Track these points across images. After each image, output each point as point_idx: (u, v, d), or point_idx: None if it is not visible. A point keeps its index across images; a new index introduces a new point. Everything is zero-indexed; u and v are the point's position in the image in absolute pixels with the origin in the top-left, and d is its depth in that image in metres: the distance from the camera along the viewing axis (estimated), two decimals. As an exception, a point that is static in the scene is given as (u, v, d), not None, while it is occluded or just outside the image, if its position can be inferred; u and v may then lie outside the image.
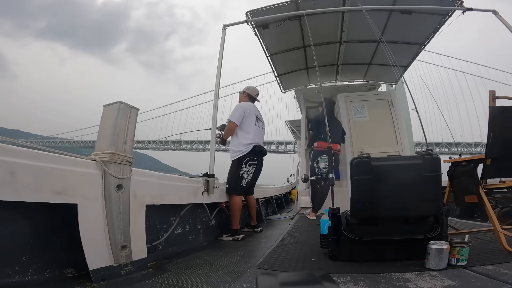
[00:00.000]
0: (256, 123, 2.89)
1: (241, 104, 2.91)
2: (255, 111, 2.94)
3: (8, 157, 1.05)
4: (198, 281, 1.35)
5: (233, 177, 2.76)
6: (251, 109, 2.90)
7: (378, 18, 3.28)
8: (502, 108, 1.75)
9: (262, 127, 3.02)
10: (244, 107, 2.86)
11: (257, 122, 2.91)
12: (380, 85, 5.28)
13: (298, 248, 2.03)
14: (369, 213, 1.58)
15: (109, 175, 1.37)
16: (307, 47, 4.10)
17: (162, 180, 1.82)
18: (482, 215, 2.93)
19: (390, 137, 4.34)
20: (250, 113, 2.86)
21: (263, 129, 3.03)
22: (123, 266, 1.40)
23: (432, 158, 1.56)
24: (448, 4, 3.10)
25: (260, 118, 3.00)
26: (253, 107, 2.96)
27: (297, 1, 3.19)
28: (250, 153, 2.78)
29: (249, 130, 2.82)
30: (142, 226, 1.56)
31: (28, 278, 1.18)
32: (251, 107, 2.93)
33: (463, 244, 1.40)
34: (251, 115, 2.86)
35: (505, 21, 2.82)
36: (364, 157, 1.59)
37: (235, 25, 3.27)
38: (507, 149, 1.66)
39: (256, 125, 2.88)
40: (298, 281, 0.96)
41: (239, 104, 2.91)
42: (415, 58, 4.28)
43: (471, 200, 1.74)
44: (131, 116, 1.53)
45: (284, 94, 5.57)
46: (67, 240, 1.30)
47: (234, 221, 2.65)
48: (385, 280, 1.26)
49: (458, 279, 1.23)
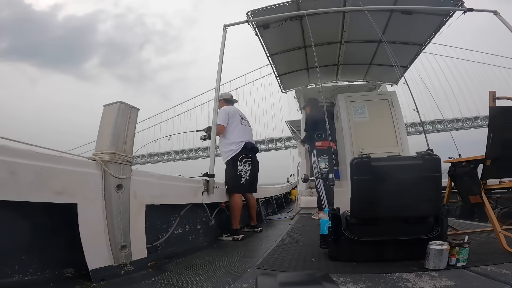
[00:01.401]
0: (241, 122, 2.97)
1: (223, 108, 2.99)
2: (238, 112, 3.04)
3: (8, 157, 1.05)
4: (198, 281, 1.35)
5: (231, 176, 2.76)
6: (234, 110, 3.00)
7: (379, 18, 3.27)
8: (502, 108, 1.75)
9: (248, 125, 3.09)
10: (227, 109, 2.96)
11: (242, 121, 2.99)
12: (381, 85, 5.28)
13: (298, 248, 2.03)
14: (369, 213, 1.58)
15: (109, 175, 1.38)
16: (307, 47, 4.10)
17: (162, 180, 1.82)
18: (482, 215, 2.93)
19: (390, 137, 4.33)
20: (234, 114, 2.96)
21: (249, 127, 3.11)
22: (123, 266, 1.40)
23: (432, 159, 1.55)
24: (449, 5, 3.10)
25: (245, 118, 3.08)
26: (235, 108, 3.08)
27: (298, 1, 3.19)
28: (243, 150, 2.82)
29: (236, 129, 2.89)
30: (142, 226, 1.56)
31: (28, 278, 1.19)
32: (233, 109, 3.04)
33: (463, 244, 1.40)
34: (235, 116, 2.95)
35: (506, 22, 2.82)
36: (364, 157, 1.58)
37: (236, 25, 3.27)
38: (507, 149, 1.66)
39: (242, 124, 2.96)
40: (298, 281, 0.96)
41: (222, 108, 2.99)
42: (415, 58, 4.28)
43: (476, 201, 1.74)
44: (131, 116, 1.53)
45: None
46: (67, 240, 1.31)
47: (234, 221, 2.65)
48: (384, 281, 1.26)
49: (458, 280, 1.23)
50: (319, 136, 3.86)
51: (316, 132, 3.89)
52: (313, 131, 3.95)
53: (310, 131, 4.06)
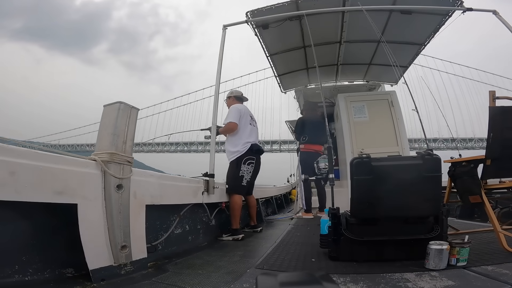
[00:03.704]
0: (251, 122, 2.95)
1: (235, 105, 2.96)
2: (248, 112, 3.02)
3: (8, 157, 1.05)
4: (198, 281, 1.35)
5: (233, 177, 2.76)
6: (245, 110, 2.99)
7: (378, 18, 3.28)
8: (502, 108, 1.75)
9: (256, 126, 3.09)
10: (239, 108, 2.93)
11: (251, 121, 2.97)
12: (380, 85, 5.28)
13: (298, 248, 2.03)
14: (369, 213, 1.58)
15: (109, 175, 1.37)
16: (307, 47, 4.11)
17: (162, 180, 1.82)
18: (482, 215, 2.93)
19: (390, 137, 4.33)
20: (245, 113, 2.94)
21: (257, 128, 3.10)
22: (123, 266, 1.40)
23: (433, 159, 1.56)
24: (448, 4, 3.10)
25: (254, 118, 3.07)
26: (245, 107, 3.06)
27: (297, 1, 3.19)
28: (248, 152, 2.80)
29: (245, 129, 2.87)
30: (142, 226, 1.56)
31: (28, 278, 1.19)
32: (244, 108, 3.02)
33: (463, 244, 1.40)
34: (246, 115, 2.93)
35: (505, 21, 2.82)
36: (364, 157, 1.59)
37: (235, 25, 3.27)
38: (507, 149, 1.66)
39: (251, 124, 2.95)
40: (298, 281, 0.96)
41: (234, 106, 2.96)
42: (415, 58, 4.28)
43: (475, 201, 1.74)
44: (131, 116, 1.53)
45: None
46: (67, 240, 1.30)
47: (234, 221, 2.65)
48: (385, 280, 1.26)
49: (458, 279, 1.23)
50: (303, 139, 4.12)
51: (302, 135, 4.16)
52: (300, 134, 4.23)
53: (297, 134, 4.37)
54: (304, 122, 4.25)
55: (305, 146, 4.08)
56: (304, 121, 4.28)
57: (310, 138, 4.04)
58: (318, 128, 3.64)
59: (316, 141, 4.00)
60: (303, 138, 4.14)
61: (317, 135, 3.92)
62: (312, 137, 4.01)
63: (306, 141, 4.08)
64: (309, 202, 3.92)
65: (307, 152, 4.02)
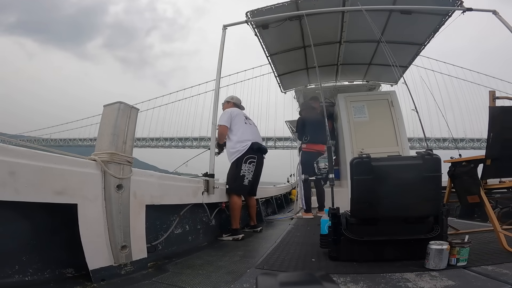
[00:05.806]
0: (246, 121, 2.93)
1: (226, 109, 2.98)
2: (242, 113, 3.01)
3: (8, 157, 1.05)
4: (198, 281, 1.35)
5: (233, 177, 2.75)
6: (237, 111, 2.97)
7: (378, 18, 3.28)
8: (502, 108, 1.75)
9: (254, 124, 3.05)
10: (229, 111, 2.93)
11: (246, 120, 2.95)
12: (380, 85, 5.28)
13: (298, 248, 2.03)
14: (369, 213, 1.58)
15: (109, 175, 1.37)
16: (307, 47, 4.11)
17: (162, 180, 1.82)
18: (482, 215, 2.93)
19: (390, 137, 4.34)
20: (238, 114, 2.93)
21: (255, 126, 3.06)
22: (123, 266, 1.40)
23: (433, 159, 1.55)
24: (448, 4, 3.10)
25: (249, 118, 3.04)
26: (239, 110, 3.04)
27: (297, 1, 3.20)
28: (249, 151, 2.79)
29: (240, 129, 2.86)
30: (142, 226, 1.56)
31: (28, 278, 1.19)
32: (237, 110, 3.00)
33: (463, 244, 1.40)
34: (239, 116, 2.92)
35: (505, 21, 2.82)
36: (364, 157, 1.58)
37: (235, 25, 3.27)
38: (507, 149, 1.66)
39: (246, 123, 2.93)
40: (298, 281, 0.96)
41: (225, 110, 2.97)
42: (415, 58, 4.29)
43: (473, 201, 1.74)
44: (131, 116, 1.53)
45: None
46: (67, 240, 1.30)
47: (234, 221, 2.65)
48: (385, 280, 1.26)
49: (458, 279, 1.23)
50: (305, 139, 4.10)
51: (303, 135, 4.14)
52: (301, 134, 4.20)
53: (299, 134, 4.33)
54: (304, 122, 4.22)
55: (307, 146, 4.04)
56: (305, 120, 4.25)
57: (312, 137, 4.02)
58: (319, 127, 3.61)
59: (318, 141, 3.98)
60: (305, 138, 4.10)
61: (318, 134, 3.90)
62: (313, 137, 4.00)
63: (308, 141, 4.04)
64: (309, 202, 3.92)
65: (309, 152, 3.99)
